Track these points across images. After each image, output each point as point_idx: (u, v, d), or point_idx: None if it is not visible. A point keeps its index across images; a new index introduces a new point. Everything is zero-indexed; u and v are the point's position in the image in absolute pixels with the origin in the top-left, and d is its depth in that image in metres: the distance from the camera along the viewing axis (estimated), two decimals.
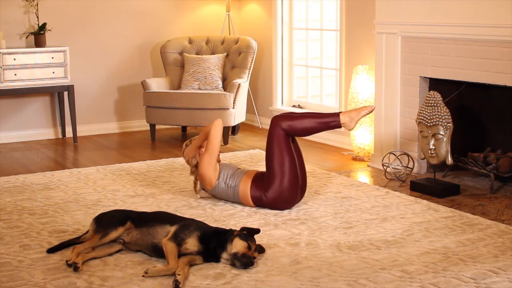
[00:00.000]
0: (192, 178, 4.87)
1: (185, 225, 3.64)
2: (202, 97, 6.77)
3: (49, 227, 4.19)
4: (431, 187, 4.94)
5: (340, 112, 4.54)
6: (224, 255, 3.57)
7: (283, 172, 4.45)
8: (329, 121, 4.51)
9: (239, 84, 6.86)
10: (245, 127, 7.76)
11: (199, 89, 7.04)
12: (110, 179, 5.39)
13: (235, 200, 4.62)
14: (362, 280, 3.35)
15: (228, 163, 4.77)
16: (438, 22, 5.16)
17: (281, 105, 7.57)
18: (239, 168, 4.72)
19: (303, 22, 7.40)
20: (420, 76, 5.41)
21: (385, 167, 5.50)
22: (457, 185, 5.02)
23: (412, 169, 5.47)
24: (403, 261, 3.59)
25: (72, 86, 6.94)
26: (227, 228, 3.89)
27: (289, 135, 4.50)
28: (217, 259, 3.58)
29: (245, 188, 4.54)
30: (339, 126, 4.53)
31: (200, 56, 7.22)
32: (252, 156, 6.16)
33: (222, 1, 7.88)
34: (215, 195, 4.68)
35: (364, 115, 4.55)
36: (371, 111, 4.58)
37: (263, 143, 6.86)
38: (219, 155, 4.68)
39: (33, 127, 7.22)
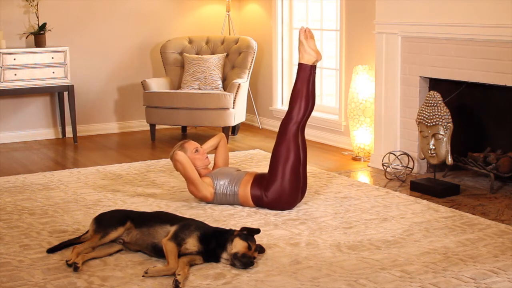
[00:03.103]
0: None
1: (185, 225, 3.64)
2: (202, 97, 6.77)
3: (49, 227, 4.19)
4: (431, 187, 4.94)
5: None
6: (224, 255, 3.57)
7: (285, 172, 4.44)
8: (303, 74, 4.48)
9: (239, 84, 6.86)
10: (245, 127, 7.76)
11: (199, 89, 7.04)
12: (110, 179, 5.39)
13: (235, 204, 4.61)
14: (362, 280, 3.35)
15: (222, 169, 4.71)
16: (438, 22, 5.16)
17: (281, 105, 7.56)
18: (238, 170, 4.71)
19: (303, 22, 7.39)
20: (420, 76, 5.41)
21: (385, 167, 5.50)
22: (457, 185, 5.02)
23: (412, 169, 5.47)
24: (403, 261, 3.59)
25: (72, 86, 6.94)
26: (227, 228, 3.89)
27: (302, 121, 4.49)
28: (217, 259, 3.58)
29: (245, 192, 4.53)
30: (310, 66, 4.49)
31: (200, 56, 7.22)
32: (252, 156, 6.16)
33: (222, 1, 7.89)
34: (216, 203, 4.66)
35: (305, 39, 4.48)
36: (305, 30, 4.50)
37: (263, 143, 6.87)
38: (207, 158, 4.69)
39: (33, 127, 7.22)
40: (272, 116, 7.61)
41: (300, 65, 4.52)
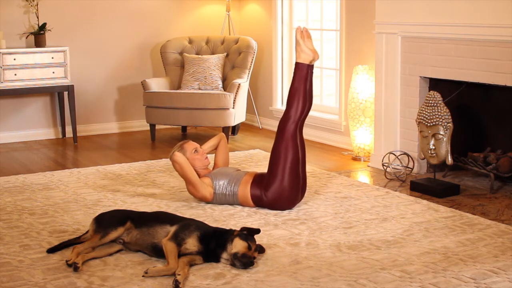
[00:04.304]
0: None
1: (185, 225, 3.64)
2: (202, 97, 6.77)
3: (49, 227, 4.19)
4: (431, 187, 4.94)
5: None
6: (224, 255, 3.57)
7: (284, 171, 4.44)
8: (300, 73, 4.52)
9: (239, 84, 6.86)
10: (245, 127, 7.76)
11: (199, 89, 7.04)
12: (110, 179, 5.39)
13: (235, 204, 4.61)
14: (362, 280, 3.35)
15: (221, 169, 4.72)
16: (438, 22, 5.16)
17: (281, 105, 7.56)
18: (238, 170, 4.71)
19: (303, 22, 7.39)
20: (420, 76, 5.41)
21: (385, 167, 5.50)
22: (457, 185, 5.02)
23: (412, 169, 5.47)
24: (403, 261, 3.59)
25: (72, 86, 6.94)
26: (227, 228, 3.89)
27: (300, 120, 4.49)
28: (217, 259, 3.58)
29: (245, 191, 4.53)
30: (307, 65, 4.52)
31: (200, 56, 7.22)
32: (252, 156, 6.16)
33: (222, 1, 7.89)
34: (216, 203, 4.66)
35: (302, 38, 4.50)
36: (301, 31, 4.52)
37: (263, 143, 6.87)
38: (207, 158, 4.69)
39: (33, 127, 7.22)
40: (272, 116, 7.61)
41: (297, 64, 4.54)
